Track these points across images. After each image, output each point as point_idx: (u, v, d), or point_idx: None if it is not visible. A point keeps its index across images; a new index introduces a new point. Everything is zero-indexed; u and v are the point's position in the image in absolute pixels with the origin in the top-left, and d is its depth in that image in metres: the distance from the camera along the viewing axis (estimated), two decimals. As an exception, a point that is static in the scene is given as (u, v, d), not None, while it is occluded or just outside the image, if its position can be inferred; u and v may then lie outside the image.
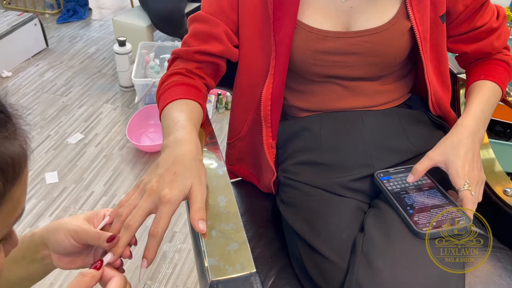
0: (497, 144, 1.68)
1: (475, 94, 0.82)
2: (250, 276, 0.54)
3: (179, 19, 2.38)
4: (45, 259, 0.56)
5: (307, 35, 0.79)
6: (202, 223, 0.58)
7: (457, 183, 0.72)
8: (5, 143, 0.36)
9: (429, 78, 0.83)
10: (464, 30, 0.86)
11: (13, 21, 2.59)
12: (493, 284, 0.76)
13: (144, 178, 0.61)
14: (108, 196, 1.76)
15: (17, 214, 0.40)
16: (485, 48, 0.88)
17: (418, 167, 0.75)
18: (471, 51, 0.88)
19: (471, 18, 0.84)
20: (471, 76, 0.89)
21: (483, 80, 0.85)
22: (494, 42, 0.87)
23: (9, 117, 0.38)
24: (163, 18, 2.38)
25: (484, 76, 0.85)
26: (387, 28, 0.78)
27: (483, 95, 0.82)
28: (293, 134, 0.90)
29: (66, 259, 0.56)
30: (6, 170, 0.36)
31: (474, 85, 0.85)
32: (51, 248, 0.55)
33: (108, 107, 2.30)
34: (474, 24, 0.85)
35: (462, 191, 0.72)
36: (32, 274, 0.57)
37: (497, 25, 0.86)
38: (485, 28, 0.85)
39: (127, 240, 0.55)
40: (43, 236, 0.55)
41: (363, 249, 0.69)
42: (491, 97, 0.82)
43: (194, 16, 0.83)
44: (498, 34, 0.87)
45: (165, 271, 1.47)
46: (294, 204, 0.83)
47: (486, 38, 0.87)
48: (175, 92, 0.76)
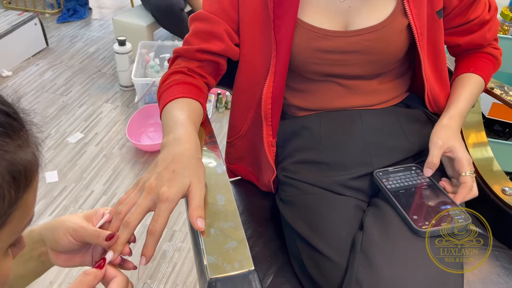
0: (496, 144, 1.68)
1: (464, 88, 0.87)
2: (249, 274, 0.55)
3: (178, 12, 2.41)
4: (42, 257, 0.56)
5: (307, 34, 0.79)
6: (200, 221, 0.59)
7: (464, 167, 0.75)
8: (18, 152, 0.36)
9: (426, 75, 0.84)
10: (458, 23, 0.88)
11: (13, 20, 2.59)
12: (492, 283, 0.77)
13: (143, 176, 0.61)
14: (108, 195, 1.76)
15: (28, 219, 0.40)
16: (477, 40, 0.91)
17: (434, 160, 0.76)
18: (464, 43, 0.91)
19: (465, 12, 0.86)
20: (461, 66, 0.92)
21: (472, 74, 0.89)
22: (486, 34, 0.90)
23: (22, 124, 0.38)
24: (162, 10, 2.42)
25: (474, 70, 0.89)
26: (385, 25, 0.79)
27: (470, 90, 0.87)
28: (292, 133, 0.90)
29: (63, 256, 0.56)
30: (18, 179, 0.36)
31: (464, 77, 0.90)
32: (49, 246, 0.55)
33: (108, 106, 2.31)
34: (468, 17, 0.87)
35: (466, 177, 0.74)
36: (29, 271, 0.57)
37: (489, 17, 0.89)
38: (478, 20, 0.87)
39: (126, 238, 0.55)
40: (42, 233, 0.55)
41: (362, 247, 0.69)
42: (476, 93, 0.89)
43: (195, 15, 0.83)
44: (489, 26, 0.90)
45: (165, 270, 1.47)
46: (294, 203, 0.83)
47: (479, 30, 0.89)
48: (176, 91, 0.76)
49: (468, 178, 0.74)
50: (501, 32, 1.50)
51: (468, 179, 0.74)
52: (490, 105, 1.68)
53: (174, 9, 2.40)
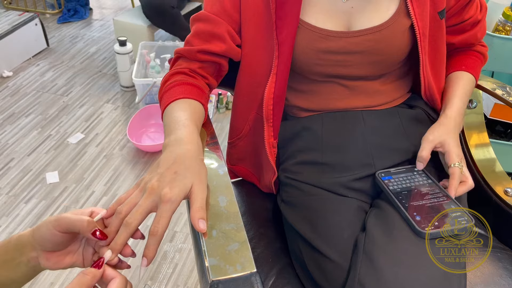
0: (498, 144, 1.68)
1: (459, 86, 0.89)
2: (251, 276, 0.54)
3: (169, 10, 2.41)
4: (31, 262, 0.55)
5: (310, 35, 0.79)
6: (202, 223, 0.58)
7: (452, 159, 0.78)
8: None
9: (424, 74, 0.85)
10: (453, 23, 0.89)
11: (13, 21, 2.59)
12: (494, 284, 0.76)
13: (145, 177, 0.61)
14: (108, 196, 1.76)
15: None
16: (470, 39, 0.93)
17: (423, 154, 0.79)
18: (457, 42, 0.93)
19: (460, 11, 0.87)
20: (453, 65, 0.94)
21: (465, 72, 0.92)
22: (478, 33, 0.93)
23: None
24: (152, 7, 2.43)
25: (465, 68, 0.92)
26: (388, 26, 0.78)
27: (464, 88, 0.89)
28: (294, 134, 0.89)
29: (53, 258, 0.55)
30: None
31: (457, 75, 0.92)
32: (39, 247, 0.55)
33: (109, 107, 2.31)
34: (463, 17, 0.88)
35: (453, 168, 0.77)
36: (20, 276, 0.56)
37: (481, 17, 0.91)
38: (471, 20, 0.89)
39: (125, 238, 0.55)
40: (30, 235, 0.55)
41: (365, 248, 0.69)
42: (469, 90, 0.91)
43: (197, 16, 0.83)
44: (480, 26, 0.92)
45: (166, 271, 1.47)
46: (295, 204, 0.83)
47: (471, 30, 0.92)
48: (177, 92, 0.76)
49: (456, 169, 0.76)
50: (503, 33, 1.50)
51: (455, 170, 0.76)
52: (492, 106, 1.68)
53: (164, 7, 2.40)
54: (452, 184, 0.75)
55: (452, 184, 0.76)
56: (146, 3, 2.45)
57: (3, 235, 1.57)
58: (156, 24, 2.53)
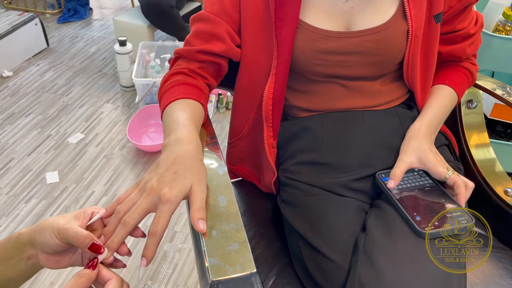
0: (498, 144, 1.68)
1: (435, 98, 0.88)
2: (251, 276, 0.54)
3: (167, 9, 2.40)
4: (31, 259, 0.55)
5: (309, 35, 0.79)
6: (202, 223, 0.58)
7: (440, 172, 0.76)
8: None
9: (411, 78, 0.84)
10: (444, 31, 0.87)
11: (13, 20, 2.59)
12: (494, 285, 0.76)
13: (145, 176, 0.61)
14: (108, 196, 1.76)
15: None
16: (457, 52, 0.91)
17: (396, 171, 0.77)
18: (445, 52, 0.91)
19: (452, 20, 0.86)
20: (437, 77, 0.92)
21: (446, 86, 0.90)
22: (467, 48, 0.90)
23: None
24: (150, 6, 2.42)
25: (449, 82, 0.90)
26: (388, 27, 0.78)
27: (442, 101, 0.87)
28: (294, 134, 0.89)
29: (53, 258, 0.55)
30: None
31: (437, 88, 0.90)
32: (38, 248, 0.55)
33: (109, 107, 2.31)
34: (454, 27, 0.87)
35: (450, 177, 0.75)
36: (18, 274, 0.56)
37: (473, 31, 0.89)
38: (462, 32, 0.88)
39: (122, 237, 0.55)
40: (31, 236, 0.55)
41: (365, 249, 0.69)
42: (447, 104, 0.88)
43: (197, 16, 0.83)
44: (471, 41, 0.90)
45: (166, 271, 1.46)
46: (295, 204, 0.83)
47: (461, 43, 0.89)
48: (177, 92, 0.76)
49: (454, 177, 0.75)
50: (503, 33, 1.50)
51: (453, 178, 0.75)
52: (492, 106, 1.68)
53: (163, 7, 2.39)
54: (461, 193, 0.74)
55: (460, 193, 0.74)
56: (144, 2, 2.45)
57: (3, 235, 1.57)
58: (154, 24, 2.52)
